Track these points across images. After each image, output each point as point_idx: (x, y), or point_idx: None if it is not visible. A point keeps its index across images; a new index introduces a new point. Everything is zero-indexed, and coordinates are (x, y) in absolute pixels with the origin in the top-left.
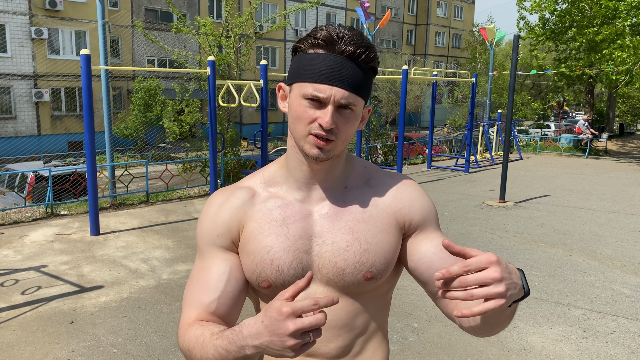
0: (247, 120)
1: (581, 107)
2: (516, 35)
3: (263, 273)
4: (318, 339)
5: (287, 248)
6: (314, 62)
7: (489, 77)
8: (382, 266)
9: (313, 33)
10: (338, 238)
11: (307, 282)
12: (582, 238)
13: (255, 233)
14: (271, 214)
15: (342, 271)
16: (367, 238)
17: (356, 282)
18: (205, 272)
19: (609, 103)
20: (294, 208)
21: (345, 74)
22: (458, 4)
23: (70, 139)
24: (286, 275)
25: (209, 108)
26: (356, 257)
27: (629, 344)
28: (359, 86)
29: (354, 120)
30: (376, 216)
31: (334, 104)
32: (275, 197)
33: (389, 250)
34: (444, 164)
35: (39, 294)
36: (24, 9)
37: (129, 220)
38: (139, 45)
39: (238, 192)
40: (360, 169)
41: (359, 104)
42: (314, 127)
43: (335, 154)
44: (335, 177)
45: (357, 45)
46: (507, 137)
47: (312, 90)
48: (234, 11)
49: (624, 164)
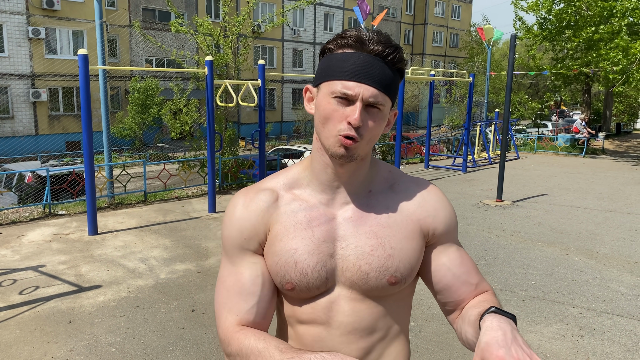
0: (245, 119)
1: (578, 107)
2: (513, 35)
3: (287, 275)
4: (339, 342)
5: (311, 251)
6: (344, 60)
7: (487, 76)
8: (407, 271)
9: (342, 34)
10: (362, 242)
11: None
12: (579, 237)
13: (281, 235)
14: (296, 216)
15: (366, 275)
16: (392, 243)
17: (380, 286)
18: (238, 277)
19: (606, 102)
20: (318, 211)
21: (374, 72)
22: (455, 4)
23: (67, 139)
24: (310, 278)
25: (207, 108)
26: (380, 262)
27: (624, 342)
28: (387, 85)
29: (380, 121)
30: (400, 222)
31: (362, 102)
32: (299, 199)
33: (413, 256)
34: (441, 164)
35: (37, 294)
36: (22, 8)
37: (126, 219)
38: (136, 44)
39: (261, 194)
40: (385, 173)
41: (386, 104)
42: (343, 128)
43: (360, 155)
44: (360, 181)
45: (385, 45)
46: (505, 137)
47: (341, 88)
48: (231, 11)
49: (621, 163)
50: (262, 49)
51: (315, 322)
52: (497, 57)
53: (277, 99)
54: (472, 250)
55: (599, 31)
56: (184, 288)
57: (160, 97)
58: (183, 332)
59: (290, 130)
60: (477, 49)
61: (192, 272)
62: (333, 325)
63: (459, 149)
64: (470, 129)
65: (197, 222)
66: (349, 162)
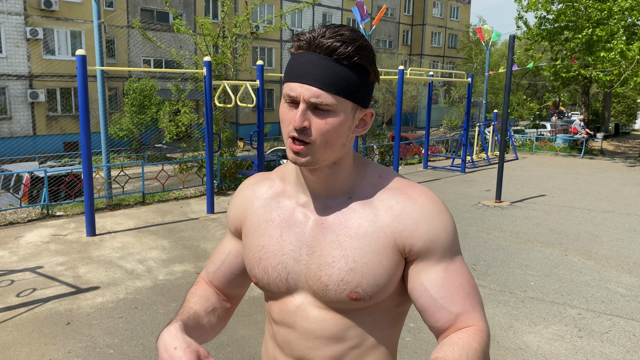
0: (243, 120)
1: (577, 107)
2: (512, 35)
3: (252, 269)
4: (305, 346)
5: (275, 251)
6: (292, 62)
7: (485, 77)
8: (370, 288)
9: (297, 35)
10: (326, 252)
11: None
12: (578, 238)
13: (253, 229)
14: (271, 213)
15: (325, 286)
16: (355, 257)
17: (340, 300)
18: (219, 245)
19: (605, 103)
20: (294, 212)
21: (317, 71)
22: (454, 4)
23: (65, 140)
24: (270, 276)
25: (206, 108)
26: (340, 275)
27: (624, 343)
28: (333, 84)
29: (334, 122)
30: (371, 234)
31: (305, 103)
32: (281, 196)
33: (380, 273)
34: (440, 164)
35: (35, 295)
36: (19, 9)
37: (125, 220)
38: (134, 45)
39: (259, 183)
40: (373, 178)
41: (338, 104)
42: (289, 130)
43: (319, 160)
44: (339, 187)
45: (334, 41)
46: (503, 137)
47: (287, 90)
48: (230, 11)
49: (619, 164)
50: (260, 49)
51: (284, 324)
52: (495, 57)
53: (276, 100)
54: (470, 251)
55: (597, 33)
56: (182, 289)
57: (158, 97)
58: None
59: None
60: (475, 50)
61: (191, 273)
62: (298, 330)
63: (458, 149)
64: (469, 129)
65: (196, 223)
66: (307, 167)
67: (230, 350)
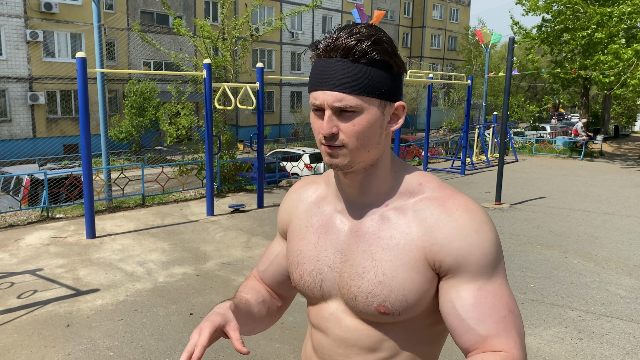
0: (243, 122)
1: (576, 109)
2: (511, 37)
3: (291, 273)
4: (336, 353)
5: (311, 257)
6: (312, 71)
7: (485, 79)
8: (399, 303)
9: (314, 43)
10: (357, 261)
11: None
12: (578, 240)
13: (295, 233)
14: (311, 218)
15: (355, 297)
16: (385, 269)
17: (369, 313)
18: (270, 245)
19: (604, 105)
20: (332, 218)
21: (335, 75)
22: (454, 7)
23: (65, 142)
24: (306, 281)
25: (205, 111)
26: (369, 287)
27: (623, 345)
28: (353, 85)
29: (363, 122)
30: (403, 247)
31: (330, 109)
32: (324, 200)
33: (409, 288)
34: (440, 166)
35: (35, 298)
36: (19, 11)
37: (125, 223)
38: (134, 47)
39: (306, 187)
40: (413, 186)
41: (363, 103)
42: (321, 138)
43: (356, 162)
44: (376, 192)
45: (348, 40)
46: (503, 139)
47: (312, 100)
48: (230, 14)
49: (619, 166)
50: (260, 51)
51: (319, 328)
52: (495, 60)
53: (276, 102)
54: None
55: (596, 36)
56: (182, 291)
57: (157, 100)
58: (181, 335)
59: (289, 133)
60: (474, 52)
61: (191, 275)
62: (331, 336)
63: (458, 151)
64: (468, 131)
65: (196, 225)
66: (344, 171)
67: (230, 353)
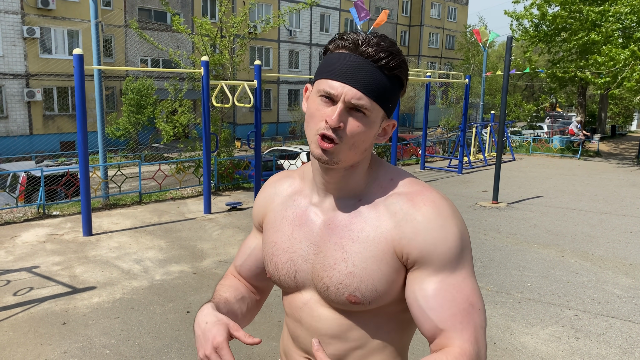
0: (240, 120)
1: (573, 109)
2: (509, 36)
3: (266, 265)
4: (309, 342)
5: (286, 249)
6: (335, 60)
7: (482, 78)
8: (369, 293)
9: (342, 35)
10: (329, 253)
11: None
12: (575, 239)
13: (270, 225)
14: (286, 211)
15: (326, 287)
16: (355, 261)
17: (341, 302)
18: (246, 239)
19: (601, 105)
20: (306, 210)
21: (361, 74)
22: (452, 5)
23: (62, 139)
24: (280, 272)
25: (203, 108)
26: (340, 278)
27: (620, 344)
28: (374, 90)
29: (366, 126)
30: (372, 239)
31: (344, 103)
32: (300, 194)
33: (379, 279)
34: (437, 165)
35: (31, 295)
36: (16, 7)
37: (121, 220)
38: (132, 44)
39: (281, 181)
40: (385, 182)
41: (373, 110)
42: (321, 127)
43: (342, 160)
44: (350, 189)
45: (380, 49)
46: (500, 138)
47: (325, 87)
48: (228, 11)
49: (616, 165)
50: (258, 49)
51: (293, 317)
52: (492, 59)
53: (273, 100)
54: None
55: (592, 37)
56: (179, 289)
57: (154, 97)
58: (178, 334)
59: (286, 131)
60: (472, 51)
61: (187, 273)
62: (304, 325)
63: (455, 150)
64: (466, 130)
65: (193, 223)
66: (329, 166)
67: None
